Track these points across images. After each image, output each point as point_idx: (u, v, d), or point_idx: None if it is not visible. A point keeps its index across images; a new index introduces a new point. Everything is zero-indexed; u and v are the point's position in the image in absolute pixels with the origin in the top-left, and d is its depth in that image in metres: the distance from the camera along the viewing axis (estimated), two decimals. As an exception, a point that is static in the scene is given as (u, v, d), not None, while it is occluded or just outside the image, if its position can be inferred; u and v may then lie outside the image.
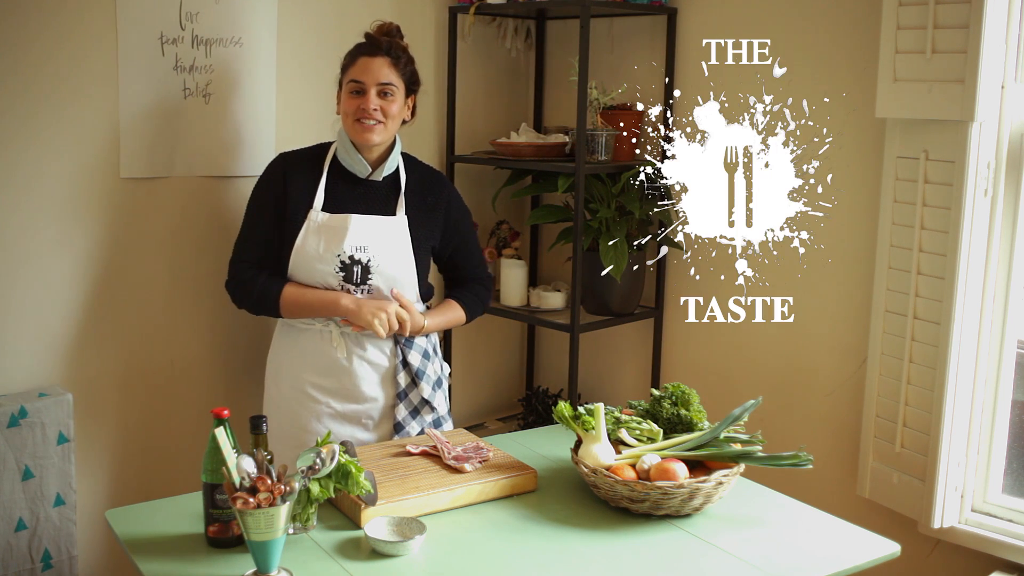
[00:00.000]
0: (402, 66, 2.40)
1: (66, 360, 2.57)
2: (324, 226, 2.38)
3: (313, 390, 2.44)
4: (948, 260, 2.41)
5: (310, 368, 2.44)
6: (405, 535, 1.85)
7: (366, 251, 2.38)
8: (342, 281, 2.38)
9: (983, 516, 2.53)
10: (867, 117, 2.63)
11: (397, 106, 2.39)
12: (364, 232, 2.39)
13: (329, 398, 2.43)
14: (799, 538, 1.94)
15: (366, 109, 2.35)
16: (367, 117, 2.35)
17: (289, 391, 2.47)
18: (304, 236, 2.39)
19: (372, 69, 2.36)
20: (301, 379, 2.45)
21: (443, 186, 2.55)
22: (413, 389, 2.46)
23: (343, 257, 2.37)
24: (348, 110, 2.38)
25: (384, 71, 2.37)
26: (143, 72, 2.57)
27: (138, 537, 1.85)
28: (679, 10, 3.08)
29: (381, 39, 2.40)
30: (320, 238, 2.38)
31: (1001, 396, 2.50)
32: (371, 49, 2.38)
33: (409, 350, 2.45)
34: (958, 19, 2.31)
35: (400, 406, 2.45)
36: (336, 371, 2.43)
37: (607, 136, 2.99)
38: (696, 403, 2.19)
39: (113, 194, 2.59)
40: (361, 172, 2.42)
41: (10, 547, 2.40)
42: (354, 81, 2.37)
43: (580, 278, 3.01)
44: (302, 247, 2.38)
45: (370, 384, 2.44)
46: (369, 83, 2.35)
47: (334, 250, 2.37)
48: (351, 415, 2.44)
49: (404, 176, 2.48)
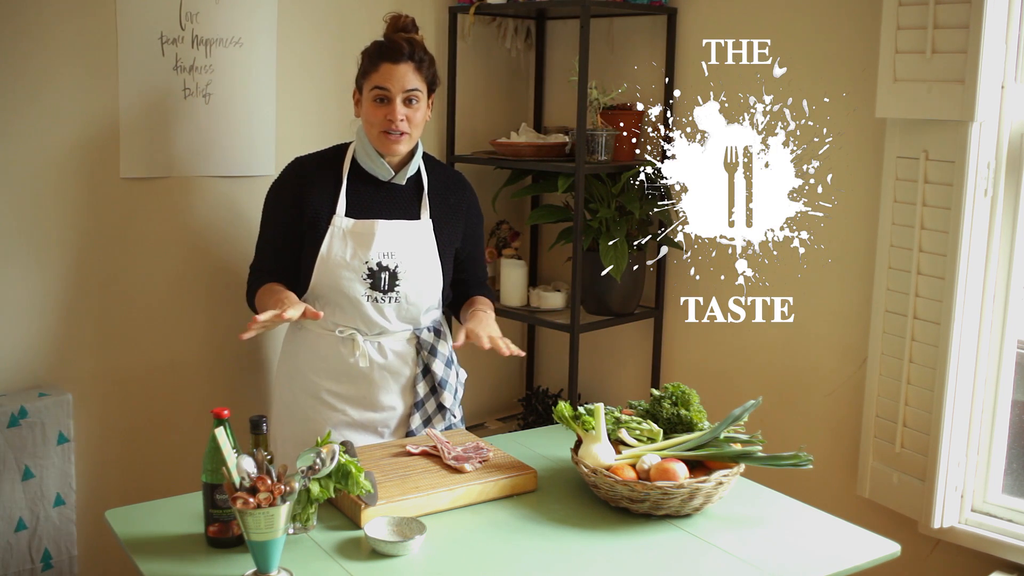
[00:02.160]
0: (425, 69, 2.31)
1: (66, 360, 2.57)
2: (350, 232, 2.31)
3: (329, 397, 2.39)
4: (948, 260, 2.41)
5: (326, 374, 2.39)
6: (405, 535, 1.85)
7: (393, 257, 2.33)
8: (369, 289, 2.32)
9: (983, 516, 2.53)
10: (867, 117, 2.63)
11: (422, 112, 2.31)
12: (391, 238, 2.33)
13: (346, 406, 2.39)
14: (799, 538, 1.94)
15: (393, 120, 2.26)
16: (394, 128, 2.27)
17: (303, 396, 2.42)
18: (329, 243, 2.31)
19: (397, 76, 2.26)
20: (316, 385, 2.40)
21: (464, 187, 2.50)
22: (430, 398, 2.43)
23: (371, 264, 2.31)
24: (373, 120, 2.29)
25: (409, 77, 2.27)
26: (143, 72, 2.57)
27: (138, 537, 1.85)
28: (679, 10, 3.08)
29: (402, 43, 2.28)
30: (346, 245, 2.31)
31: (1001, 396, 2.50)
32: (394, 55, 2.27)
33: (433, 359, 2.41)
34: (958, 19, 2.31)
35: (415, 415, 2.42)
36: (355, 379, 2.38)
37: (607, 136, 2.99)
38: (696, 403, 2.19)
39: (113, 194, 2.59)
40: (384, 176, 2.35)
41: (10, 547, 2.40)
42: (378, 88, 2.27)
43: (580, 278, 3.01)
44: (327, 255, 2.31)
45: (389, 393, 2.40)
46: (395, 91, 2.26)
47: (362, 257, 2.31)
48: (367, 423, 2.41)
49: (426, 177, 2.42)
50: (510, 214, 3.52)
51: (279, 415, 2.48)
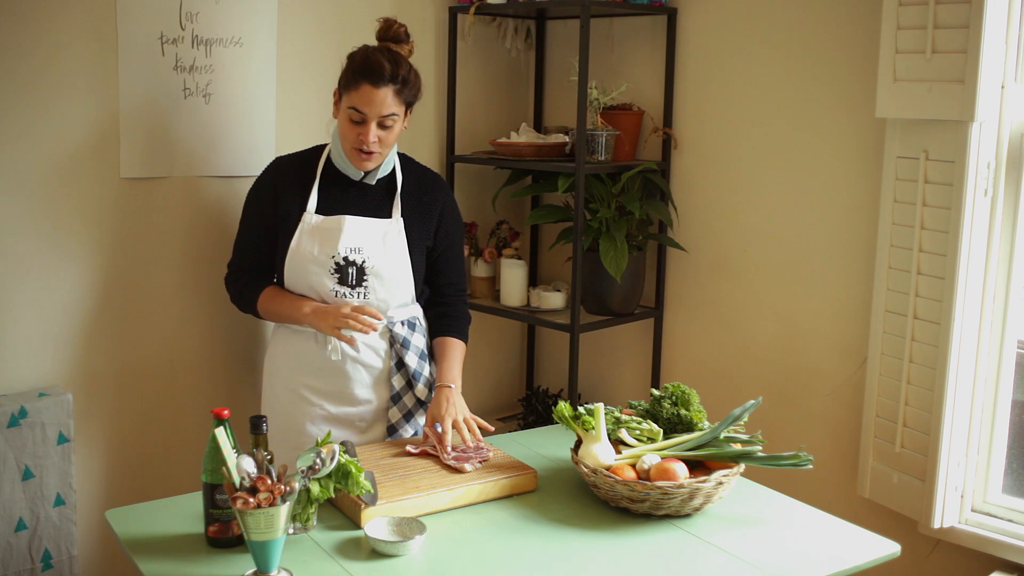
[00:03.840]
0: (406, 91, 2.29)
1: (66, 360, 2.57)
2: (318, 228, 2.36)
3: (308, 392, 2.42)
4: (948, 260, 2.40)
5: (305, 370, 2.42)
6: (405, 535, 1.85)
7: (361, 252, 2.36)
8: (337, 284, 2.35)
9: (983, 516, 2.53)
10: (867, 117, 2.63)
11: (396, 132, 2.32)
12: (358, 233, 2.37)
13: (323, 400, 2.42)
14: (799, 538, 1.94)
15: (365, 141, 2.28)
16: (366, 149, 2.29)
17: (284, 393, 2.45)
18: (298, 238, 2.36)
19: (375, 101, 2.24)
20: (296, 381, 2.43)
21: (440, 188, 2.51)
22: (408, 392, 2.44)
23: (337, 259, 2.35)
24: (347, 135, 2.30)
25: (387, 103, 2.25)
26: (143, 72, 2.57)
27: (138, 537, 1.85)
28: (679, 10, 3.08)
29: (385, 64, 2.25)
30: (314, 240, 2.35)
31: (1001, 396, 2.50)
32: (375, 78, 2.24)
33: (406, 351, 2.42)
34: (958, 19, 2.31)
35: (394, 408, 2.43)
36: (330, 373, 2.40)
37: (607, 136, 2.99)
38: (696, 403, 2.19)
39: (113, 194, 2.59)
40: (354, 176, 2.39)
41: (10, 547, 2.40)
42: (354, 109, 2.26)
43: (580, 278, 3.01)
44: (296, 249, 2.36)
45: (363, 387, 2.41)
46: (371, 116, 2.25)
47: (328, 251, 2.35)
48: (344, 418, 2.42)
49: (400, 177, 2.45)
50: (510, 214, 3.52)
51: (265, 412, 2.50)
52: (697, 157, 3.09)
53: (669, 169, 3.16)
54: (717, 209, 3.06)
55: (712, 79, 3.03)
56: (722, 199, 3.04)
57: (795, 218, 2.87)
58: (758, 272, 2.98)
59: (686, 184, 3.13)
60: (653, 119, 3.17)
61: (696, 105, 3.08)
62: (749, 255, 2.99)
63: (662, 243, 3.17)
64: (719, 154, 3.03)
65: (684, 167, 3.13)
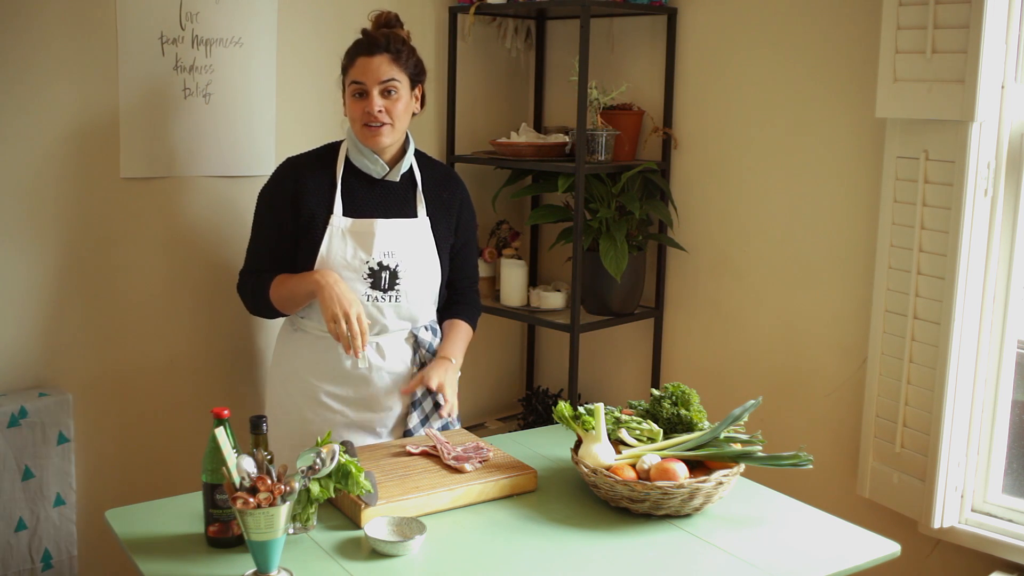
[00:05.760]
0: (403, 59, 2.30)
1: (66, 360, 2.57)
2: (349, 232, 2.31)
3: (328, 399, 2.38)
4: (948, 260, 2.41)
5: (324, 376, 2.38)
6: (405, 535, 1.85)
7: (394, 256, 2.33)
8: (369, 288, 2.32)
9: (983, 516, 2.53)
10: (867, 117, 2.63)
11: (403, 103, 2.31)
12: (391, 237, 2.33)
13: (345, 407, 2.39)
14: (799, 538, 1.94)
15: (371, 113, 2.27)
16: (373, 120, 2.28)
17: (300, 398, 2.40)
18: (328, 243, 2.31)
19: (371, 68, 2.27)
20: (314, 386, 2.38)
21: (457, 183, 2.50)
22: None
23: (372, 264, 2.31)
24: (354, 115, 2.30)
25: (384, 68, 2.27)
26: (143, 72, 2.57)
27: (138, 537, 1.85)
28: (679, 10, 3.08)
29: (378, 34, 2.31)
30: (346, 244, 2.31)
31: (1001, 396, 2.50)
32: (368, 48, 2.28)
33: (430, 357, 2.42)
34: (958, 19, 2.31)
35: (413, 414, 2.42)
36: (354, 381, 2.37)
37: (607, 136, 2.99)
38: (696, 403, 2.19)
39: (113, 194, 2.59)
40: (378, 173, 2.35)
41: (10, 547, 2.40)
42: (355, 83, 2.28)
43: (580, 278, 3.01)
44: (327, 255, 2.30)
45: (387, 393, 2.39)
46: (370, 84, 2.27)
47: (363, 257, 2.31)
48: (365, 423, 2.41)
49: (419, 173, 2.42)
50: (510, 214, 3.52)
51: (273, 416, 2.47)
52: (697, 157, 3.10)
53: (669, 169, 3.16)
54: (717, 209, 3.06)
55: (712, 79, 3.03)
56: (722, 199, 3.04)
57: (795, 218, 2.87)
58: (758, 272, 2.98)
59: (686, 184, 3.13)
60: (653, 119, 3.17)
61: (696, 105, 3.08)
62: (749, 255, 2.99)
63: (662, 243, 3.17)
64: (719, 154, 3.03)
65: (684, 167, 3.13)
